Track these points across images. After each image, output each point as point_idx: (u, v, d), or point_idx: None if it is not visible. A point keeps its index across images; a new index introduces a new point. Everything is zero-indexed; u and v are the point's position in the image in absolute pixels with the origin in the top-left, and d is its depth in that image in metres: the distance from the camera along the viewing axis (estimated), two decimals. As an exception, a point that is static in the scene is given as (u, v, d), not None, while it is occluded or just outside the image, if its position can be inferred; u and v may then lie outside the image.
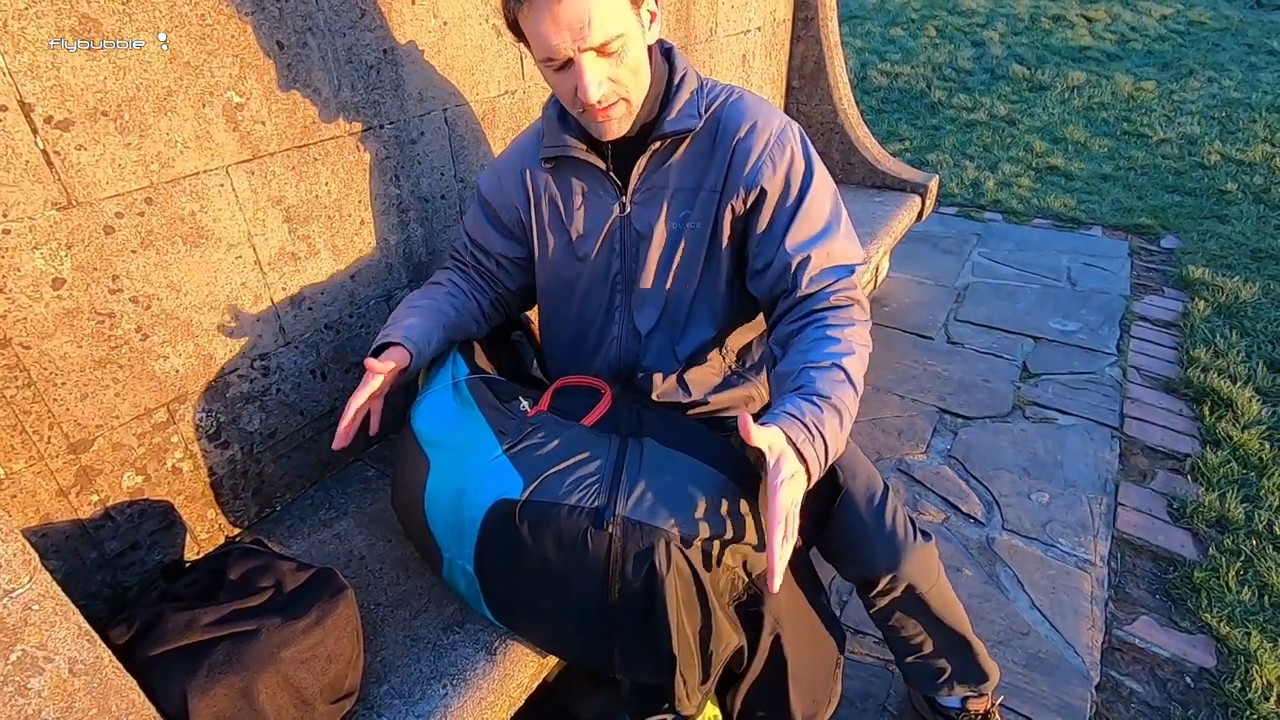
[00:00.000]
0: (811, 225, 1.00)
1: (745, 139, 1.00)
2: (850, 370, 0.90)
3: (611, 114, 0.94)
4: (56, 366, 0.89)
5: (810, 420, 0.84)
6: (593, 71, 0.88)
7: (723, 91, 1.05)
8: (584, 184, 1.08)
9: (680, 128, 1.00)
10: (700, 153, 1.03)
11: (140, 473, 1.03)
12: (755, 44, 2.41)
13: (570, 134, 1.04)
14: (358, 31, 1.14)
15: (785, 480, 0.79)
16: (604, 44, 0.86)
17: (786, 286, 1.01)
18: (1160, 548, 1.68)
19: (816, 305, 0.98)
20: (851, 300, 0.99)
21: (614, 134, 0.98)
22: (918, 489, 1.88)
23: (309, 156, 1.12)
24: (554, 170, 1.09)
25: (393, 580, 1.10)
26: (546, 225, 1.12)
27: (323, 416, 1.28)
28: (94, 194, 0.88)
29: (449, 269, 1.23)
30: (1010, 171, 4.18)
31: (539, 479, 0.89)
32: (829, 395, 0.87)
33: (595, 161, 1.04)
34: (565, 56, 0.87)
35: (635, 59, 0.92)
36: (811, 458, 0.82)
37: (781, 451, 0.80)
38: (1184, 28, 6.84)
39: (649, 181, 1.04)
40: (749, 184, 1.01)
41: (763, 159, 1.00)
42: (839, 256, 1.00)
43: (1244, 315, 2.60)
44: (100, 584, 1.02)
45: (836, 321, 0.96)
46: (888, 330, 2.62)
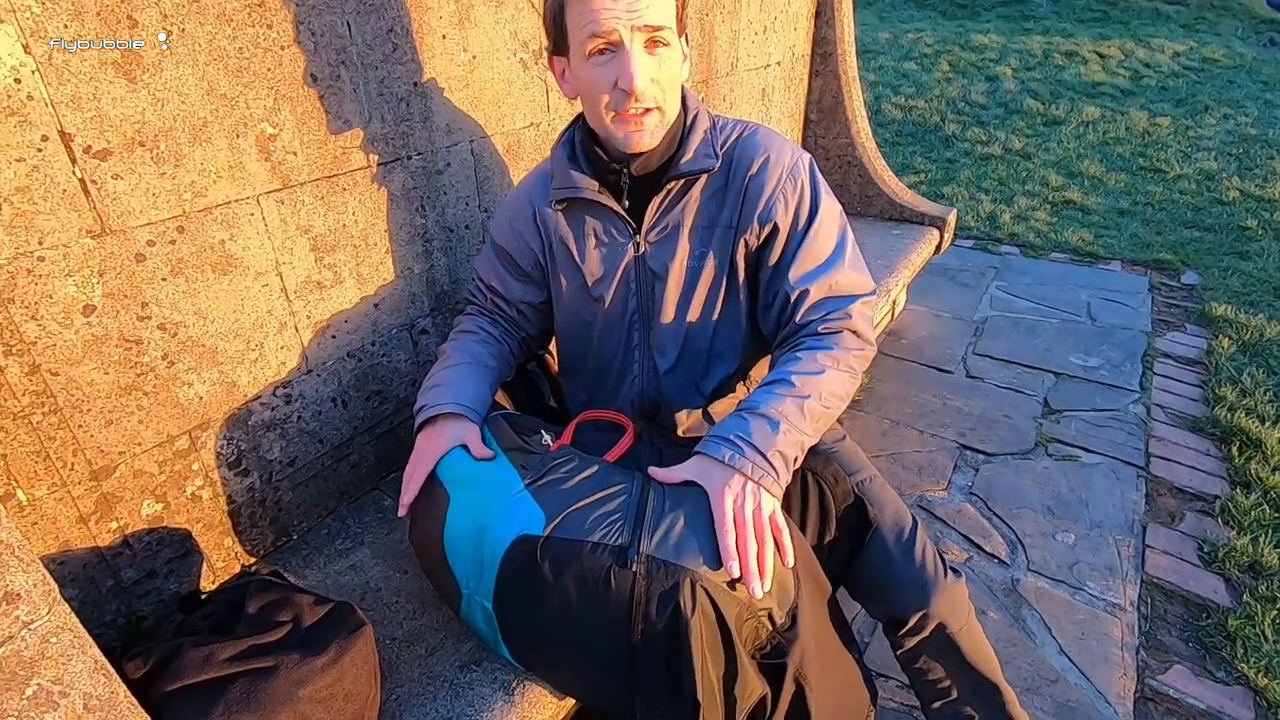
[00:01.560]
0: (815, 258, 1.01)
1: (759, 175, 1.01)
2: (798, 381, 0.92)
3: (646, 122, 0.93)
4: (83, 393, 0.89)
5: (734, 436, 0.88)
6: (640, 59, 0.88)
7: (735, 128, 1.05)
8: (597, 224, 1.07)
9: (697, 168, 1.00)
10: (715, 190, 1.03)
11: (160, 500, 1.02)
12: (775, 78, 2.44)
13: (582, 174, 1.03)
14: (389, 65, 1.15)
15: (719, 489, 0.85)
16: (655, 30, 0.87)
17: (787, 318, 1.02)
18: (1192, 593, 1.63)
19: (805, 334, 1.00)
20: (841, 328, 0.99)
21: (643, 145, 0.96)
22: (939, 527, 1.84)
23: (338, 186, 1.13)
24: (565, 211, 1.08)
25: (409, 614, 1.08)
26: (560, 267, 1.12)
27: (342, 445, 1.28)
28: (127, 222, 0.89)
29: (473, 314, 1.21)
30: (1026, 205, 4.17)
31: (562, 515, 0.87)
32: (758, 406, 0.91)
33: (609, 202, 1.03)
34: (615, 34, 0.86)
35: (672, 71, 0.93)
36: (747, 467, 0.86)
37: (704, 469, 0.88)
38: (1198, 64, 6.88)
39: (664, 220, 1.04)
40: (763, 220, 1.01)
41: (776, 195, 1.00)
42: (842, 288, 1.00)
43: (1269, 353, 2.56)
44: (115, 613, 1.01)
45: (816, 345, 0.97)
46: (906, 363, 2.60)
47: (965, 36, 7.86)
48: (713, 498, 0.86)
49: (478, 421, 1.03)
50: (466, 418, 1.02)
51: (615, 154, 0.99)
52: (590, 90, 0.93)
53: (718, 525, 0.83)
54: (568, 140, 1.06)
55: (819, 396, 0.93)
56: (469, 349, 1.13)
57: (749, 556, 0.82)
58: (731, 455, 0.87)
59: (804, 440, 0.91)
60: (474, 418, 1.03)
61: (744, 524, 0.83)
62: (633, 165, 1.00)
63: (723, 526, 0.83)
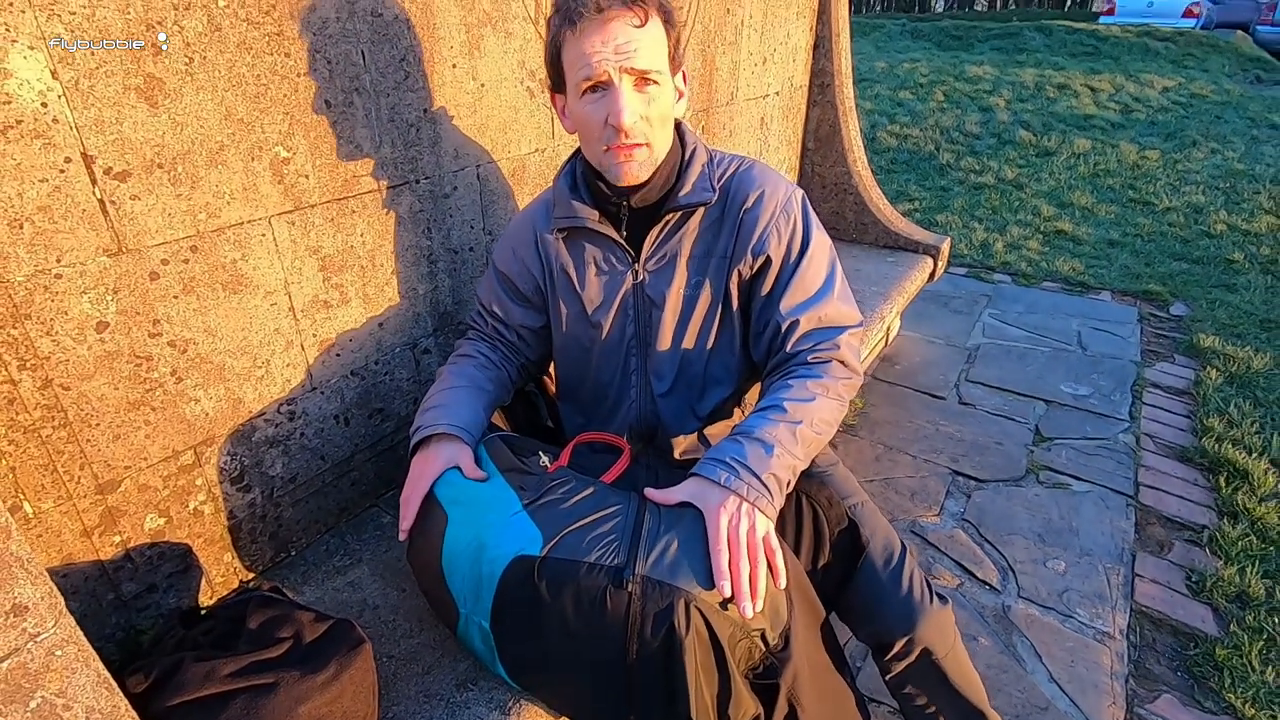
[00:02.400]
0: (806, 290, 1.04)
1: (753, 209, 1.05)
2: (790, 408, 0.95)
3: (635, 155, 0.97)
4: (93, 408, 0.91)
5: (730, 458, 0.91)
6: (629, 97, 0.92)
7: (732, 163, 1.09)
8: (596, 253, 1.10)
9: (695, 201, 1.04)
10: (712, 222, 1.07)
11: (163, 515, 1.03)
12: (774, 108, 2.49)
13: (583, 204, 1.06)
14: (401, 92, 1.18)
15: (715, 508, 0.87)
16: (644, 72, 0.91)
17: (777, 347, 1.05)
18: (1180, 622, 1.65)
19: (796, 363, 1.03)
20: (830, 358, 1.02)
21: (632, 178, 0.99)
22: (931, 552, 1.85)
23: (347, 209, 1.16)
24: (567, 240, 1.11)
25: (406, 632, 1.09)
26: (560, 293, 1.15)
27: (343, 461, 1.29)
28: (143, 241, 0.91)
29: (473, 339, 1.23)
30: (1019, 234, 4.24)
31: (559, 536, 0.89)
32: (752, 431, 0.93)
33: (608, 231, 1.06)
34: (605, 75, 0.91)
35: (663, 109, 0.96)
36: (743, 489, 0.88)
37: (700, 490, 0.90)
38: (1186, 99, 7.03)
39: (662, 250, 1.07)
40: (756, 252, 1.05)
41: (769, 228, 1.04)
42: (831, 319, 1.04)
43: (1256, 385, 2.60)
44: (115, 626, 1.01)
45: (804, 373, 1.01)
46: (899, 389, 2.63)
47: (960, 67, 8.02)
48: (708, 518, 0.87)
49: (471, 443, 1.05)
50: (460, 439, 1.04)
51: (615, 186, 1.03)
52: (585, 126, 0.97)
53: (711, 545, 0.85)
54: (569, 171, 1.10)
55: (810, 423, 0.95)
56: (466, 372, 1.15)
57: (741, 576, 0.83)
58: (727, 477, 0.89)
59: (796, 464, 0.94)
60: (467, 439, 1.04)
61: (737, 544, 0.85)
62: (632, 198, 1.03)
63: (716, 546, 0.85)
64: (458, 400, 1.09)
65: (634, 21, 0.89)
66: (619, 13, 0.89)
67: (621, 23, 0.89)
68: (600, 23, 0.89)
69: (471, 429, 1.06)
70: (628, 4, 0.89)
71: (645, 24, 0.90)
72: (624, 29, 0.89)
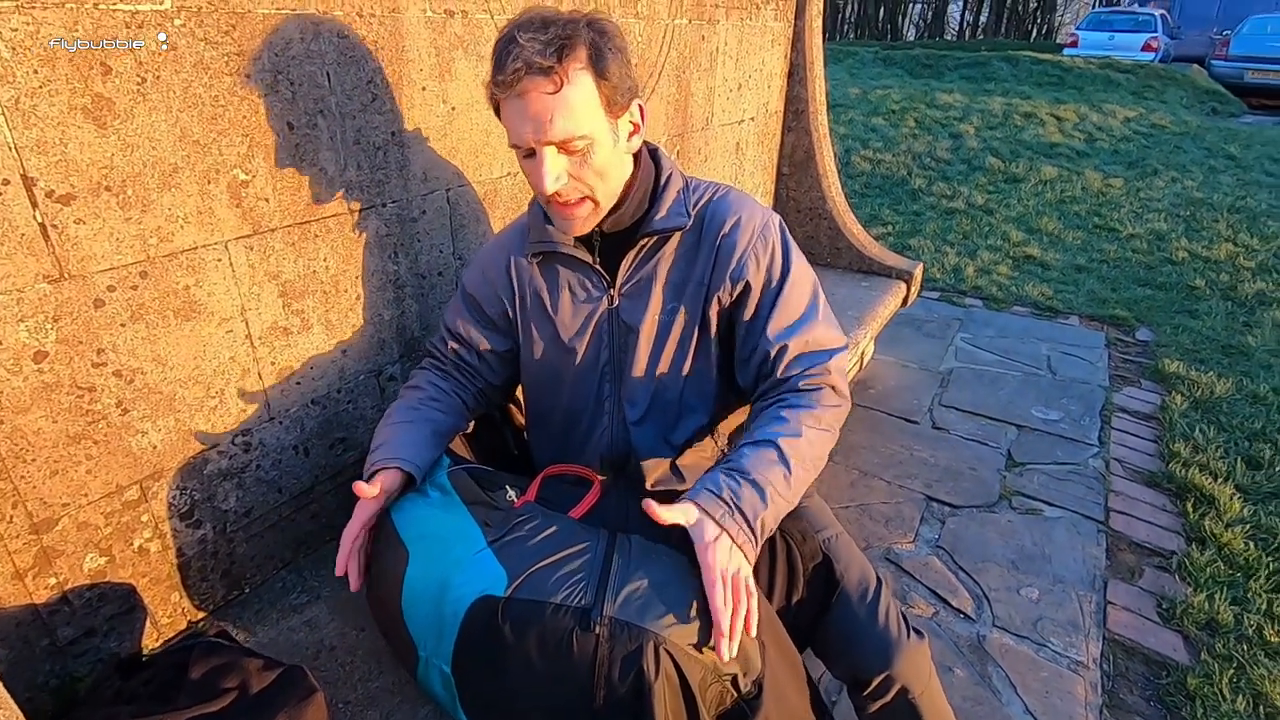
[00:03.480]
0: (791, 314, 1.04)
1: (730, 235, 1.04)
2: (785, 447, 0.94)
3: (577, 212, 0.97)
4: (28, 442, 0.86)
5: (727, 495, 0.89)
6: (550, 164, 0.91)
7: (708, 189, 1.09)
8: (571, 278, 1.09)
9: (669, 226, 1.03)
10: (688, 248, 1.06)
11: (104, 554, 0.97)
12: (749, 133, 2.50)
13: (557, 229, 1.05)
14: (368, 114, 1.16)
15: (711, 542, 0.85)
16: (564, 141, 0.90)
17: (767, 373, 1.04)
18: (1152, 650, 1.65)
19: (786, 389, 1.02)
20: (822, 384, 1.02)
21: (578, 231, 1.01)
22: (907, 580, 1.84)
23: (310, 233, 1.12)
24: (541, 264, 1.10)
25: (364, 675, 1.04)
26: (532, 318, 1.13)
27: (302, 494, 1.24)
28: (88, 267, 0.87)
29: (426, 369, 1.19)
30: (989, 259, 4.31)
31: (524, 575, 0.86)
32: (750, 471, 0.92)
33: (583, 256, 1.05)
34: (529, 146, 0.91)
35: (602, 162, 0.94)
36: (733, 529, 0.87)
37: (698, 519, 0.87)
38: (1147, 129, 7.26)
39: (637, 275, 1.06)
40: (735, 278, 1.04)
41: (747, 254, 1.04)
42: (818, 343, 1.04)
43: (1220, 410, 2.65)
44: (48, 674, 0.95)
45: (796, 402, 1.00)
46: (873, 413, 2.63)
47: (931, 95, 8.21)
48: (703, 551, 0.86)
49: (410, 470, 1.00)
50: (398, 469, 1.00)
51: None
52: (529, 180, 0.97)
53: (709, 580, 0.84)
54: None
55: (802, 462, 0.95)
56: (412, 406, 1.11)
57: (736, 616, 0.83)
58: (723, 514, 0.88)
59: (784, 509, 0.94)
60: (406, 467, 1.00)
61: (731, 586, 0.84)
62: (604, 224, 1.02)
63: (714, 584, 0.83)
64: (398, 432, 1.06)
65: (547, 90, 0.86)
66: (530, 85, 0.86)
67: (536, 94, 0.86)
68: (514, 96, 0.87)
69: (411, 457, 1.02)
70: (539, 72, 0.85)
71: (560, 90, 0.86)
72: (539, 99, 0.86)
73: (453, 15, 1.26)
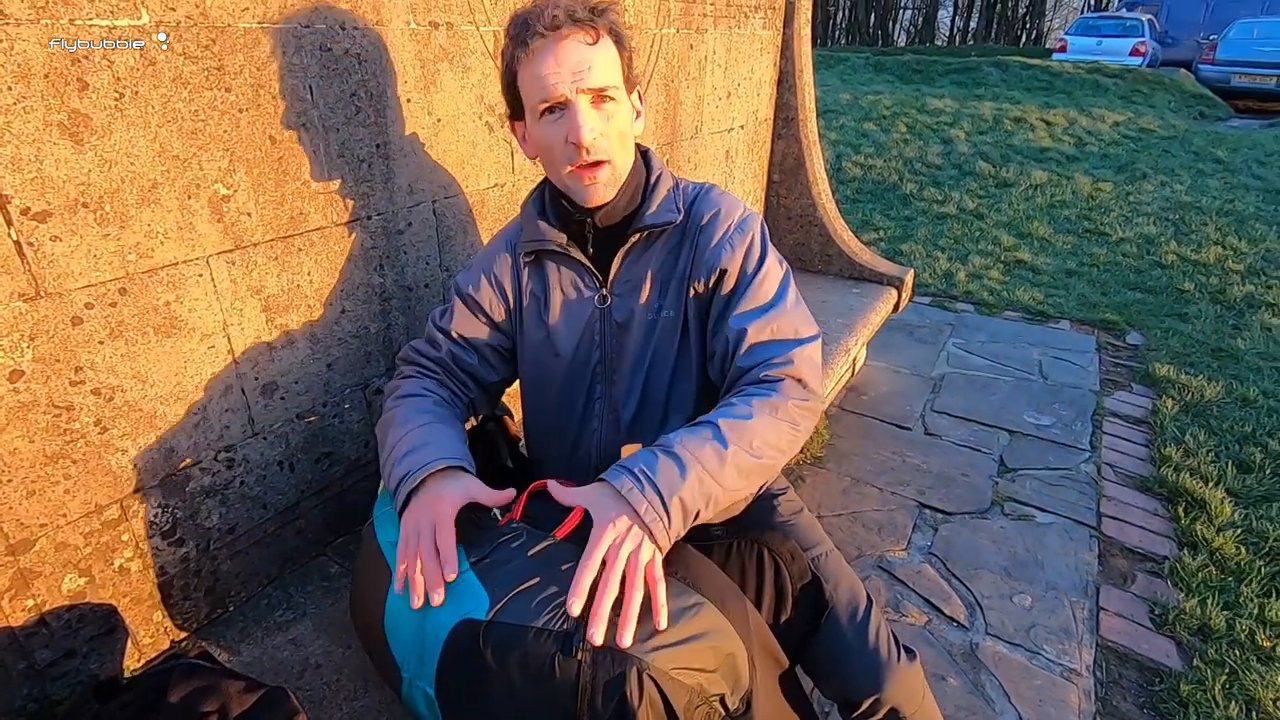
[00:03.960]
0: (756, 301, 1.00)
1: (709, 226, 1.04)
2: (724, 426, 0.88)
3: (598, 175, 0.96)
4: (4, 463, 0.84)
5: (639, 469, 0.83)
6: (586, 114, 0.91)
7: (695, 189, 1.10)
8: (563, 276, 1.08)
9: (661, 220, 1.03)
10: (674, 245, 1.06)
11: (84, 574, 0.96)
12: (739, 141, 2.51)
13: (550, 226, 1.05)
14: (351, 127, 1.15)
15: (606, 520, 0.81)
16: (600, 90, 0.91)
17: (730, 362, 1.00)
18: (1145, 657, 1.65)
19: (747, 381, 0.97)
20: (784, 375, 0.95)
21: (597, 199, 0.99)
22: (899, 589, 1.83)
23: (293, 247, 1.11)
24: (533, 264, 1.10)
25: (350, 694, 1.03)
26: (526, 318, 1.12)
27: (288, 509, 1.23)
28: (65, 285, 0.86)
29: (414, 376, 1.11)
30: (980, 264, 4.32)
31: (506, 598, 0.84)
32: (672, 446, 0.86)
33: (575, 254, 1.05)
34: (562, 96, 0.90)
35: (622, 125, 0.96)
36: (641, 505, 0.81)
37: (599, 495, 0.83)
38: (1135, 134, 7.31)
39: (628, 273, 1.06)
40: (710, 266, 1.03)
41: (724, 242, 1.03)
42: (782, 331, 0.98)
43: (1210, 414, 2.66)
44: (25, 698, 0.93)
45: (752, 391, 0.94)
46: (866, 419, 2.63)
47: (921, 100, 8.25)
48: (594, 529, 0.81)
49: (466, 464, 0.95)
50: (463, 469, 0.94)
51: (580, 207, 1.02)
52: (546, 148, 0.97)
53: (583, 560, 0.78)
54: (538, 196, 1.10)
55: (748, 446, 0.88)
56: (427, 409, 1.04)
57: (604, 599, 0.77)
58: (631, 488, 0.82)
59: (716, 493, 0.86)
60: (470, 468, 0.95)
61: (613, 566, 0.78)
62: (596, 217, 1.02)
63: (586, 561, 0.78)
64: (439, 435, 0.98)
65: (586, 40, 0.90)
66: (570, 31, 0.89)
67: (574, 41, 0.89)
68: (552, 43, 0.88)
69: (467, 461, 0.96)
70: (579, 23, 0.89)
71: (597, 42, 0.91)
72: (577, 48, 0.89)
73: (437, 27, 1.26)
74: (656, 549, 0.82)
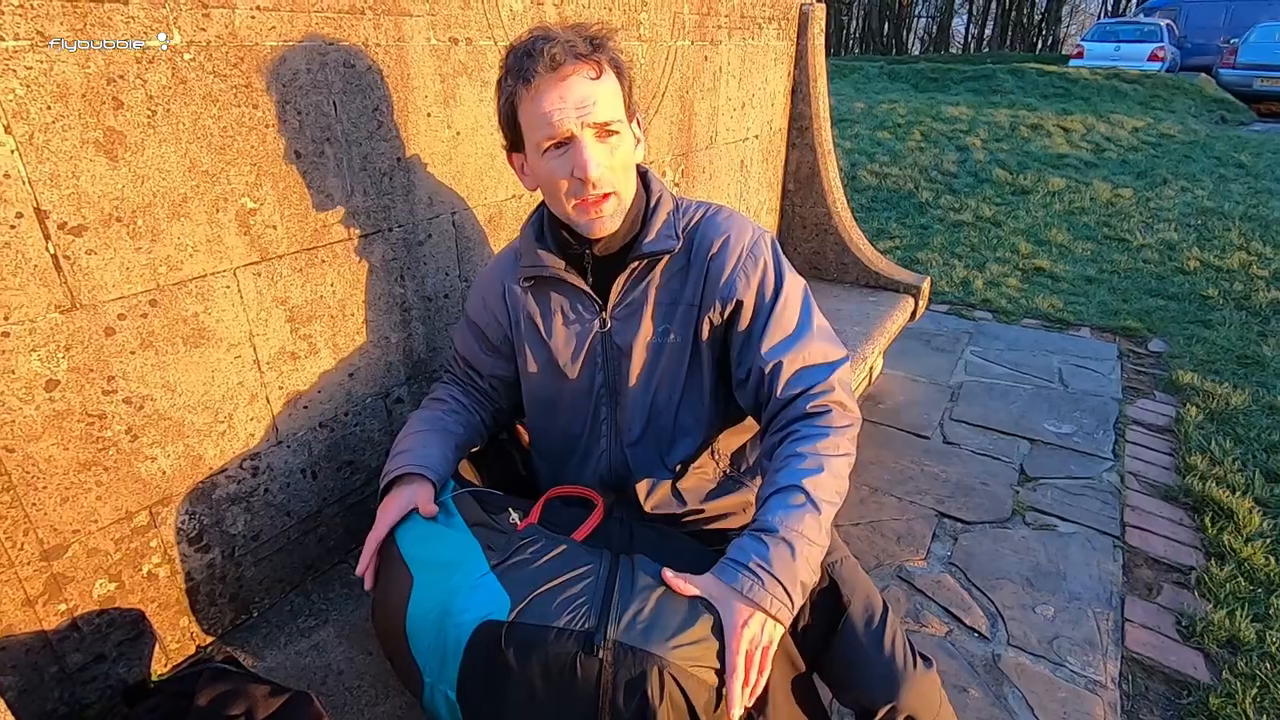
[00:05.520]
0: (783, 330, 1.02)
1: (719, 255, 1.04)
2: (810, 488, 0.91)
3: (604, 208, 0.96)
4: (39, 470, 0.87)
5: (754, 564, 0.86)
6: (593, 148, 0.91)
7: (698, 210, 1.09)
8: (563, 301, 1.09)
9: (658, 249, 1.03)
10: (677, 270, 1.06)
11: (114, 580, 0.98)
12: (753, 150, 2.52)
13: (549, 253, 1.06)
14: (374, 141, 1.18)
15: (740, 626, 0.83)
16: (605, 124, 0.91)
17: (766, 394, 1.02)
18: (1172, 669, 1.61)
19: (794, 414, 0.99)
20: (828, 405, 0.99)
21: (603, 231, 0.99)
22: (919, 599, 1.82)
23: (316, 259, 1.14)
24: (533, 289, 1.10)
25: (371, 699, 1.04)
26: (527, 343, 1.13)
27: (310, 517, 1.25)
28: (98, 297, 0.89)
29: (447, 383, 1.22)
30: (998, 272, 4.29)
31: (527, 599, 0.85)
32: (778, 528, 0.88)
33: (575, 280, 1.05)
34: (567, 132, 0.90)
35: (625, 157, 0.97)
36: (766, 601, 0.84)
37: (723, 596, 0.85)
38: (1155, 139, 7.24)
39: (628, 298, 1.06)
40: (725, 297, 1.03)
41: (736, 272, 1.03)
42: (814, 357, 1.01)
43: (1236, 422, 2.61)
44: (57, 701, 0.95)
45: (810, 433, 0.96)
46: (883, 428, 2.62)
47: (936, 108, 8.23)
48: (729, 633, 0.84)
49: (435, 480, 1.03)
50: (423, 477, 1.02)
51: (579, 235, 1.02)
52: (549, 182, 0.97)
53: (730, 667, 0.82)
54: (536, 220, 1.10)
55: (830, 496, 0.92)
56: (433, 416, 1.14)
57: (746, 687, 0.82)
58: (752, 586, 0.85)
59: (818, 555, 0.90)
60: (431, 476, 1.03)
61: (753, 665, 0.83)
62: (595, 246, 1.03)
63: (734, 671, 0.81)
64: (424, 443, 1.07)
65: (590, 75, 0.90)
66: (575, 67, 0.89)
67: (579, 78, 0.89)
68: (556, 80, 0.88)
69: (434, 465, 1.04)
70: (581, 58, 0.89)
71: (600, 76, 0.91)
72: (581, 84, 0.89)
73: (457, 43, 1.29)
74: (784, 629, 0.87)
